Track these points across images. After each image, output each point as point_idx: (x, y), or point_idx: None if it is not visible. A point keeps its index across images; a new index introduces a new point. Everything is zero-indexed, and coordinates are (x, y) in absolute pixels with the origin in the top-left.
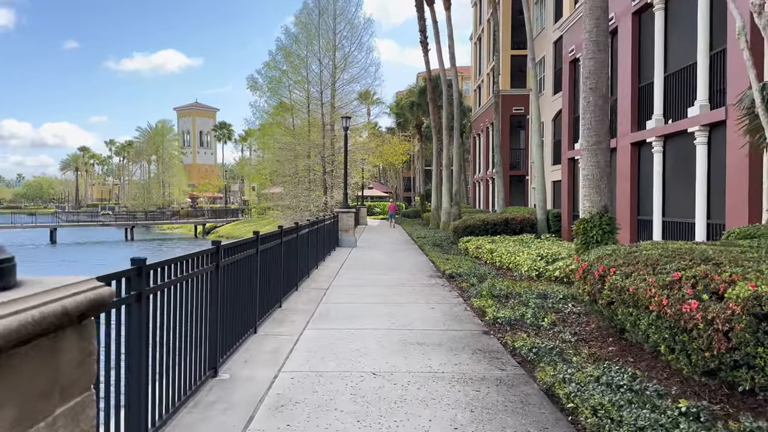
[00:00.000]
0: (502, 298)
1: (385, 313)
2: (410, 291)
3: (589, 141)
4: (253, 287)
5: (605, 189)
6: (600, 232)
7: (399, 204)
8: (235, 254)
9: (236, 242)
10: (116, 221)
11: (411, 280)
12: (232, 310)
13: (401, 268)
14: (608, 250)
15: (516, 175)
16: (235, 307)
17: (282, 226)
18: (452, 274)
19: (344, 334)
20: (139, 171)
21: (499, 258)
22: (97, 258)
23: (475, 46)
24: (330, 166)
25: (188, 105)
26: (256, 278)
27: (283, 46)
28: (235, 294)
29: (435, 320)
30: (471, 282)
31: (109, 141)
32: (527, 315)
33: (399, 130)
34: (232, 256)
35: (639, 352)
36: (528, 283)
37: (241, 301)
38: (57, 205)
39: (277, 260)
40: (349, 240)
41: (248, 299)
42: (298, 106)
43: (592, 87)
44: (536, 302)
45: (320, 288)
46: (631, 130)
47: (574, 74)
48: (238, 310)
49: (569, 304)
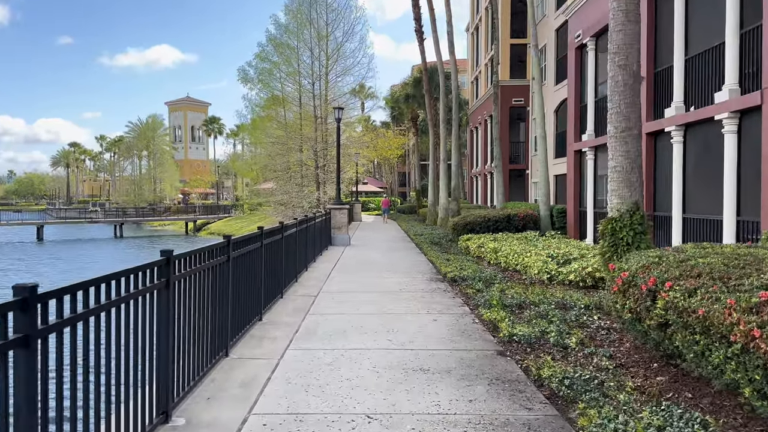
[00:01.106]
0: (515, 308)
1: (381, 326)
2: (409, 298)
3: (618, 127)
4: (224, 303)
5: (636, 183)
6: (630, 233)
7: (394, 199)
8: (196, 265)
9: (199, 250)
10: (105, 218)
11: (409, 285)
12: (193, 335)
13: (398, 269)
14: (652, 256)
15: (515, 169)
16: (198, 331)
17: (262, 228)
18: (455, 278)
19: (333, 356)
20: (130, 167)
21: (504, 258)
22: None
23: (472, 36)
24: (323, 161)
25: (179, 99)
26: (227, 292)
27: (272, 36)
28: (198, 313)
29: (440, 336)
30: (477, 287)
31: (99, 137)
32: (550, 332)
33: (394, 123)
34: (191, 267)
35: (696, 383)
36: (541, 289)
37: (208, 322)
38: (48, 202)
39: (257, 267)
40: (342, 238)
41: (217, 318)
42: (290, 99)
43: (622, 64)
44: (557, 314)
45: (309, 295)
46: (647, 119)
47: (581, 61)
48: (202, 333)
49: (594, 317)
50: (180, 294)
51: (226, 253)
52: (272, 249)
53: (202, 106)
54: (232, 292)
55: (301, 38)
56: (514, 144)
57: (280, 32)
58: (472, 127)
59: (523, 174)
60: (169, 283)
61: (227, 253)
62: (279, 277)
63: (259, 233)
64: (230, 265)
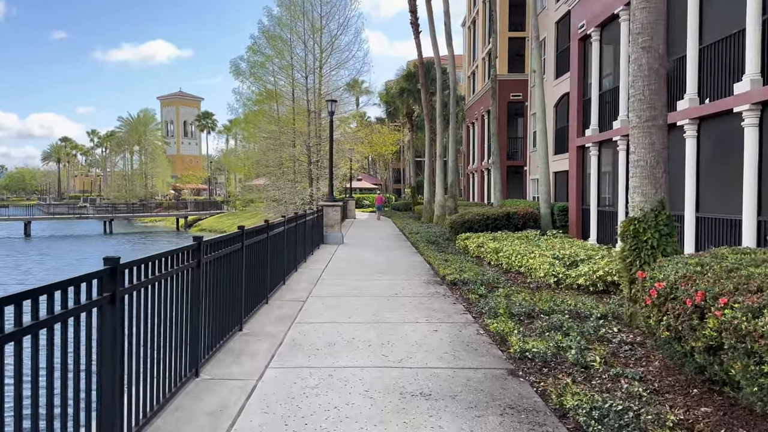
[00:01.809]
0: (523, 317)
1: (375, 338)
2: (406, 304)
3: (641, 117)
4: (195, 315)
5: (662, 178)
6: (656, 236)
7: (388, 196)
8: (154, 273)
9: (159, 255)
10: (95, 214)
11: (406, 288)
12: (152, 356)
13: (393, 270)
14: (692, 264)
15: (513, 165)
16: (159, 351)
17: (243, 227)
18: (455, 281)
19: (320, 376)
20: (121, 162)
21: (506, 260)
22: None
23: (468, 31)
24: (316, 156)
25: (172, 94)
26: (198, 301)
27: (265, 29)
28: (159, 330)
29: (441, 351)
30: (479, 292)
31: (91, 131)
32: (568, 348)
33: (388, 119)
34: (148, 276)
35: (749, 416)
36: (549, 295)
37: (173, 339)
38: (39, 197)
39: (236, 271)
40: (335, 237)
41: (186, 334)
42: (283, 93)
43: (646, 46)
44: (572, 326)
45: (297, 300)
46: None
47: (584, 53)
48: (165, 353)
49: (614, 328)
50: (132, 309)
51: (196, 258)
52: (256, 250)
53: (194, 100)
54: (206, 302)
55: (295, 30)
56: (512, 140)
57: (273, 24)
58: (468, 123)
59: (521, 171)
60: (115, 298)
61: (198, 258)
62: (264, 281)
63: (239, 233)
64: (202, 270)
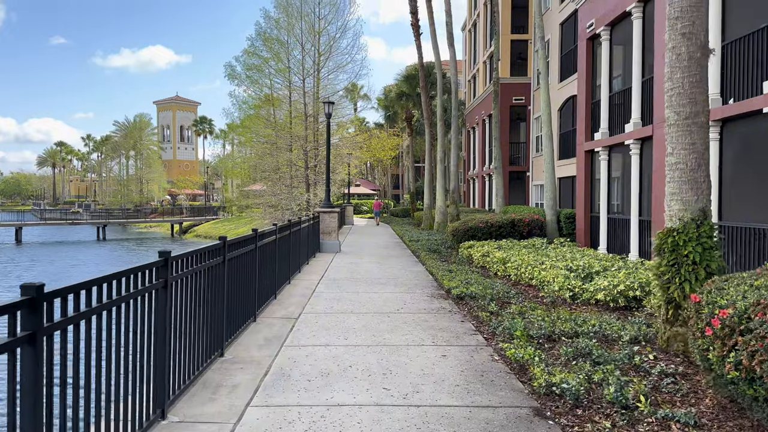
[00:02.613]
0: (543, 340)
1: (376, 365)
2: (409, 322)
3: (681, 113)
4: (161, 345)
5: (704, 183)
6: (698, 249)
7: (387, 202)
8: (100, 301)
9: (113, 275)
10: (88, 219)
11: (408, 303)
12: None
13: (394, 282)
14: (763, 288)
15: (515, 171)
16: (118, 387)
17: (225, 238)
18: (461, 295)
19: (311, 419)
20: (117, 167)
21: (514, 270)
22: None
23: (468, 34)
24: (313, 161)
25: (168, 99)
26: (164, 328)
27: (262, 30)
28: (111, 366)
29: (452, 383)
30: (490, 309)
31: (86, 136)
32: (603, 382)
33: (387, 123)
34: (94, 305)
35: None
36: (568, 312)
37: (132, 374)
38: (33, 202)
39: (216, 289)
40: (331, 245)
41: (147, 369)
42: (280, 96)
43: (686, 32)
44: (602, 353)
45: (288, 317)
46: None
47: (592, 53)
48: (120, 391)
49: (649, 355)
50: (75, 342)
51: (162, 276)
52: (241, 263)
53: (191, 105)
54: (176, 327)
55: (292, 33)
56: (514, 145)
57: (271, 26)
58: (468, 128)
59: (523, 176)
60: (35, 339)
61: (165, 276)
62: (251, 297)
63: (220, 245)
64: (170, 291)
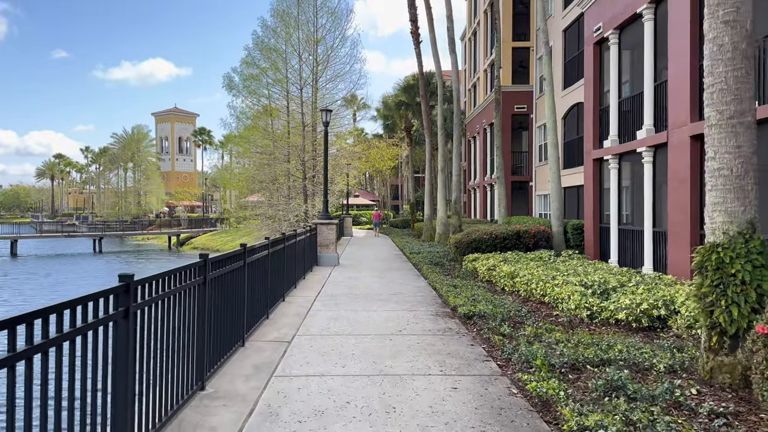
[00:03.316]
0: (566, 369)
1: (377, 401)
2: (413, 345)
3: (724, 112)
4: (122, 383)
5: (752, 192)
6: (748, 267)
7: (386, 213)
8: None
9: (55, 306)
10: (84, 231)
11: (411, 323)
12: None
13: (396, 298)
14: None
15: (517, 181)
16: None
17: (207, 255)
18: (469, 314)
19: None
20: (115, 179)
21: (524, 286)
22: None
23: (469, 43)
24: (311, 171)
25: (166, 110)
26: (128, 366)
27: (259, 40)
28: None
29: (467, 423)
30: (502, 331)
31: (85, 148)
32: (650, 428)
33: (386, 133)
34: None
35: None
36: (590, 335)
37: (92, 414)
38: (32, 215)
39: (197, 313)
40: (329, 257)
41: (107, 407)
42: (277, 107)
43: (730, 20)
44: (638, 388)
45: (281, 340)
46: (691, 120)
47: (600, 58)
48: None
49: (692, 389)
50: None
51: (123, 304)
52: (227, 283)
53: (189, 117)
54: (143, 363)
55: (290, 42)
56: (516, 154)
57: (268, 35)
58: (469, 137)
59: (525, 186)
60: None
61: (126, 304)
62: (238, 319)
63: (201, 263)
64: (132, 322)
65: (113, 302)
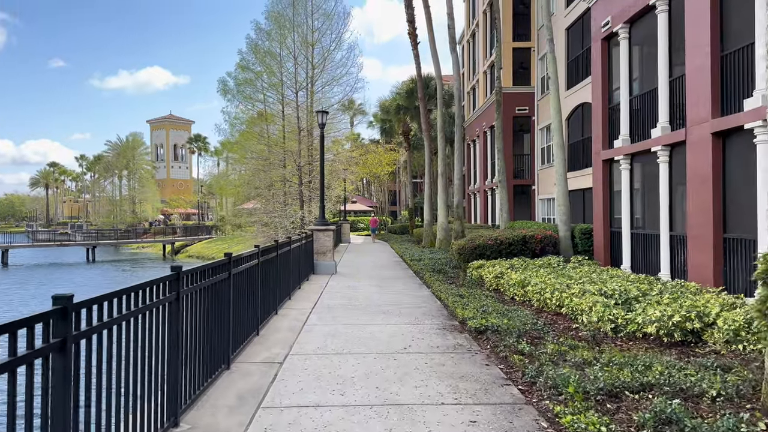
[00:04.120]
0: (603, 396)
1: None
2: (420, 366)
3: None
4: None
5: None
6: None
7: (384, 218)
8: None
9: None
10: (80, 240)
11: (417, 338)
12: None
13: (398, 310)
14: None
15: (519, 185)
16: None
17: (180, 268)
18: (480, 328)
19: None
20: (110, 187)
21: (537, 296)
22: None
23: (467, 44)
24: (307, 176)
25: (161, 117)
26: (67, 411)
27: (254, 43)
28: None
29: None
30: (521, 348)
31: (79, 156)
32: None
33: (384, 137)
34: None
35: None
36: (619, 353)
37: None
38: (27, 224)
39: (169, 336)
40: (326, 266)
41: None
42: (273, 111)
43: None
44: (699, 424)
45: (271, 361)
46: (713, 116)
47: (608, 54)
48: None
49: (759, 423)
50: None
51: (59, 335)
52: (206, 299)
53: (184, 124)
54: (88, 405)
55: (284, 44)
56: (518, 157)
57: (262, 38)
58: (468, 141)
59: (527, 190)
60: None
61: (62, 335)
62: (222, 339)
63: (173, 276)
64: (71, 355)
65: (58, 330)
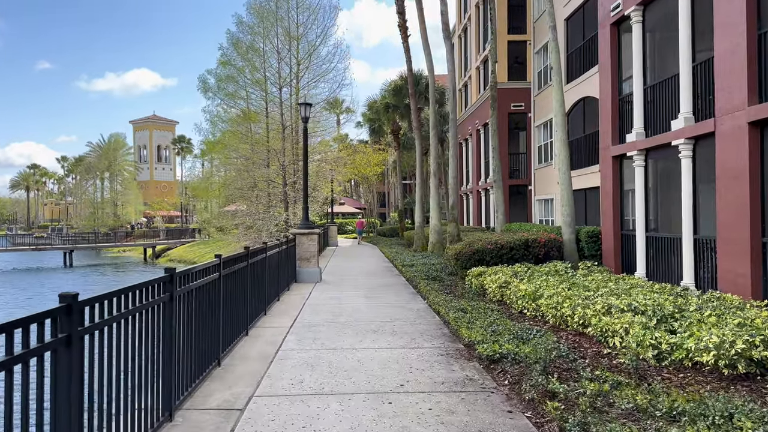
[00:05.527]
0: None
1: None
2: (424, 414)
3: None
4: None
5: None
6: None
7: (373, 221)
8: None
9: None
10: (56, 244)
11: (416, 369)
12: None
13: (391, 327)
14: None
15: (514, 184)
16: None
17: (76, 295)
18: (493, 357)
19: None
20: (92, 189)
21: (552, 310)
22: None
23: (459, 40)
24: (292, 177)
25: (144, 118)
26: None
27: (235, 38)
28: None
29: None
30: (551, 388)
31: (61, 158)
32: None
33: (372, 137)
34: None
35: None
36: (680, 395)
37: None
38: (8, 227)
39: (74, 383)
40: (310, 273)
41: None
42: (255, 109)
43: None
44: None
45: (228, 408)
46: (750, 102)
47: (618, 41)
48: None
49: None
50: None
51: (66, 331)
52: (141, 327)
53: (168, 124)
54: None
55: (267, 38)
56: (513, 156)
57: (244, 32)
58: (460, 140)
59: (524, 190)
60: None
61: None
62: (162, 379)
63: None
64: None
65: None
